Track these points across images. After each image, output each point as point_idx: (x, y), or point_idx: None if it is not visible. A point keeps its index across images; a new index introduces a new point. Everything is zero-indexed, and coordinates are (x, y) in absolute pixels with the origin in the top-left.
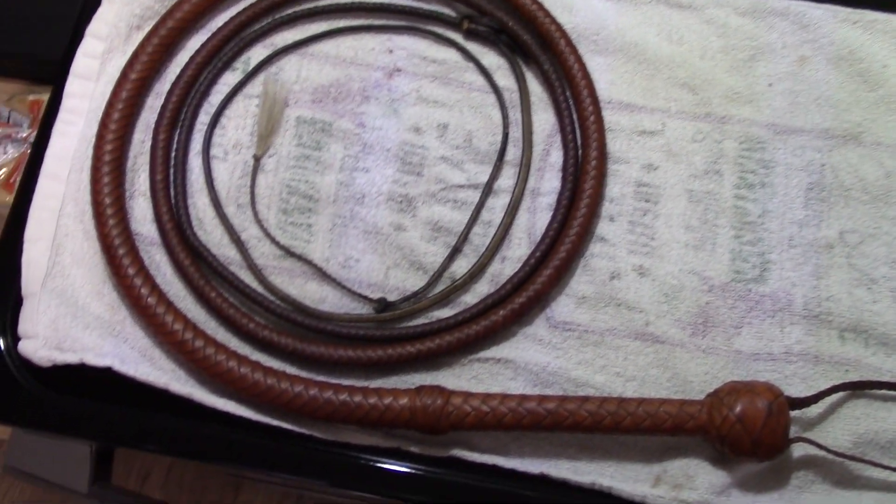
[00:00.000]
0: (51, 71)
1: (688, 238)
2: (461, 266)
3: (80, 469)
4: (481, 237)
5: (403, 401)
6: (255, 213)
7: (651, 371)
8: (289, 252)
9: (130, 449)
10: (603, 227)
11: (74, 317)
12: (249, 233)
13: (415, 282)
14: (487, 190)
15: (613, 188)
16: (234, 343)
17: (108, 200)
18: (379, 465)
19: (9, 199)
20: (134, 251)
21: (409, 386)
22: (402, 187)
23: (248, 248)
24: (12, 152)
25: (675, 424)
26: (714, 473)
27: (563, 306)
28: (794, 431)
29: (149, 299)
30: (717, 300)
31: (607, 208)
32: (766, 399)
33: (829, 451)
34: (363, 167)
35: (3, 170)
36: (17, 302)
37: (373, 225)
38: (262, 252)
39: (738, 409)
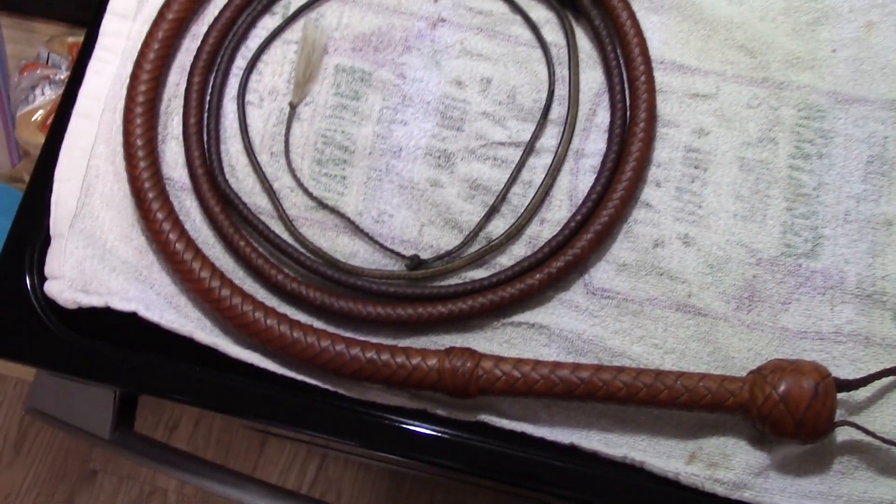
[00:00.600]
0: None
1: (737, 208)
2: (498, 226)
3: (103, 415)
4: (520, 197)
5: (432, 362)
6: (289, 163)
7: (691, 344)
8: (321, 204)
9: (153, 397)
10: (648, 193)
11: (101, 259)
12: (282, 182)
13: (449, 240)
14: (529, 149)
15: (661, 152)
16: (262, 294)
17: (139, 142)
18: (404, 426)
19: None
20: (164, 195)
21: (438, 347)
22: (441, 142)
23: (279, 197)
24: (50, 94)
25: (714, 401)
26: (752, 453)
27: (602, 272)
28: (839, 415)
29: (176, 245)
30: (765, 274)
31: (654, 173)
32: (812, 379)
33: (875, 436)
34: (401, 120)
35: (41, 112)
36: (45, 242)
37: (409, 180)
38: (294, 203)
39: (782, 388)
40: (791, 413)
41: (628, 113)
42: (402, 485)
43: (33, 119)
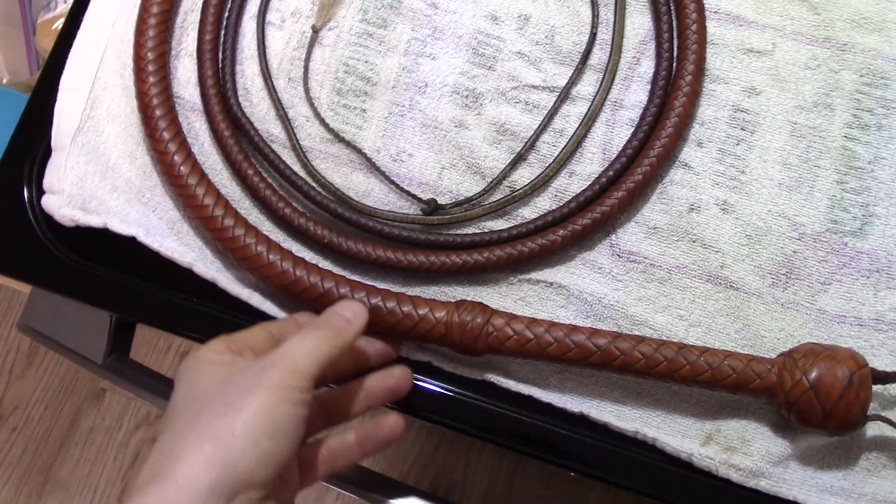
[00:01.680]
0: None
1: (783, 176)
2: (523, 176)
3: (97, 339)
4: (550, 147)
5: (440, 314)
6: (307, 90)
7: (719, 319)
8: (337, 136)
9: (148, 326)
10: (688, 153)
11: (103, 177)
12: (297, 111)
13: (470, 186)
14: (564, 95)
15: (706, 110)
16: (267, 227)
17: (150, 56)
18: None
19: None
20: (172, 114)
21: (448, 299)
22: (471, 80)
23: (294, 126)
24: (71, 1)
25: (738, 381)
26: (773, 441)
27: (630, 234)
28: (872, 408)
29: (181, 167)
30: (807, 250)
31: (696, 132)
32: (847, 368)
33: None
34: (430, 53)
35: (61, 20)
36: (47, 153)
37: (432, 118)
38: (309, 133)
39: (813, 374)
40: (821, 402)
41: (674, 64)
42: (408, 433)
43: (53, 27)
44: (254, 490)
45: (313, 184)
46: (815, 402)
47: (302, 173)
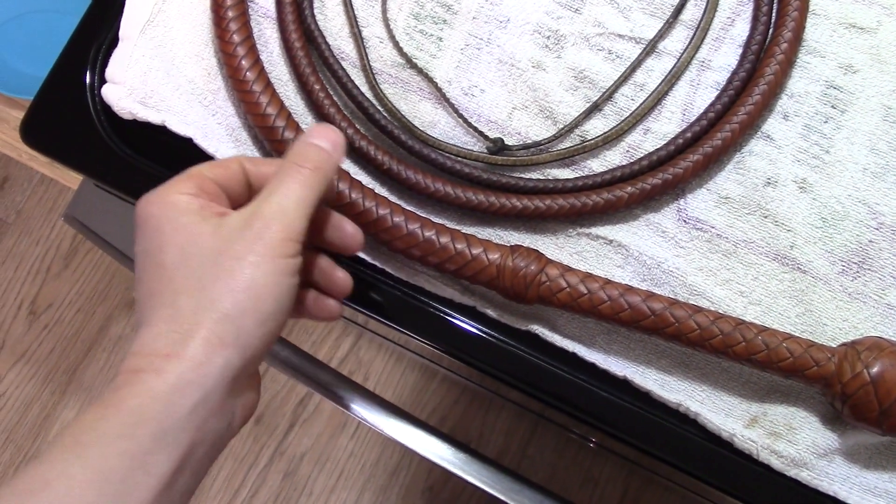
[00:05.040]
0: None
1: (869, 161)
2: (596, 127)
3: None
4: (628, 100)
5: (494, 255)
6: (384, 10)
7: (781, 300)
8: (410, 62)
9: None
10: (772, 124)
11: (167, 74)
12: (372, 30)
13: (539, 131)
14: (650, 48)
15: (797, 82)
16: None
17: None
18: (450, 318)
19: None
20: (244, 18)
21: (503, 243)
22: (555, 21)
23: (366, 46)
24: None
25: (794, 366)
26: (821, 432)
27: (700, 201)
28: None
29: (248, 73)
30: (883, 241)
31: (784, 104)
32: None
33: None
34: None
35: None
36: (113, 42)
37: (510, 55)
38: (381, 55)
39: (875, 368)
40: (879, 398)
41: (771, 30)
42: (430, 382)
43: None
44: (253, 367)
45: (379, 107)
46: (872, 398)
47: (369, 95)
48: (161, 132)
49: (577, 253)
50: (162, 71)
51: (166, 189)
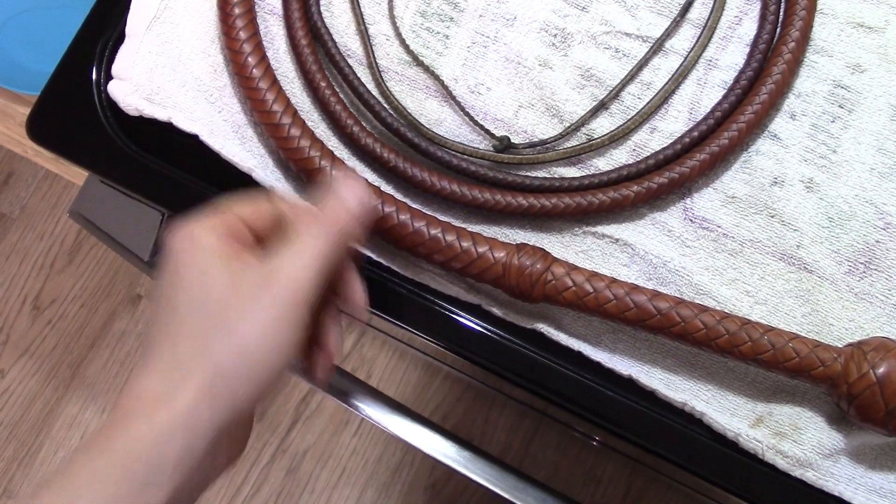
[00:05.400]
0: None
1: (876, 161)
2: (602, 125)
3: (146, 236)
4: (635, 99)
5: (500, 254)
6: (391, 8)
7: (787, 299)
8: (416, 59)
9: None
10: (779, 124)
11: (173, 70)
12: (378, 28)
13: (546, 129)
14: (657, 46)
15: (805, 82)
16: (332, 143)
17: None
18: (454, 316)
19: None
20: (251, 15)
21: (508, 242)
22: (562, 19)
23: (373, 44)
24: None
25: (800, 366)
26: (826, 432)
27: (706, 200)
28: None
29: (254, 70)
30: (891, 241)
31: (791, 103)
32: None
33: None
34: None
35: None
36: (120, 38)
37: (517, 53)
38: (387, 52)
39: (882, 369)
40: (885, 399)
41: (778, 29)
42: (433, 379)
43: None
44: (245, 419)
45: (385, 105)
46: (878, 398)
47: (375, 93)
48: (167, 129)
49: (582, 252)
50: (168, 67)
51: (196, 225)
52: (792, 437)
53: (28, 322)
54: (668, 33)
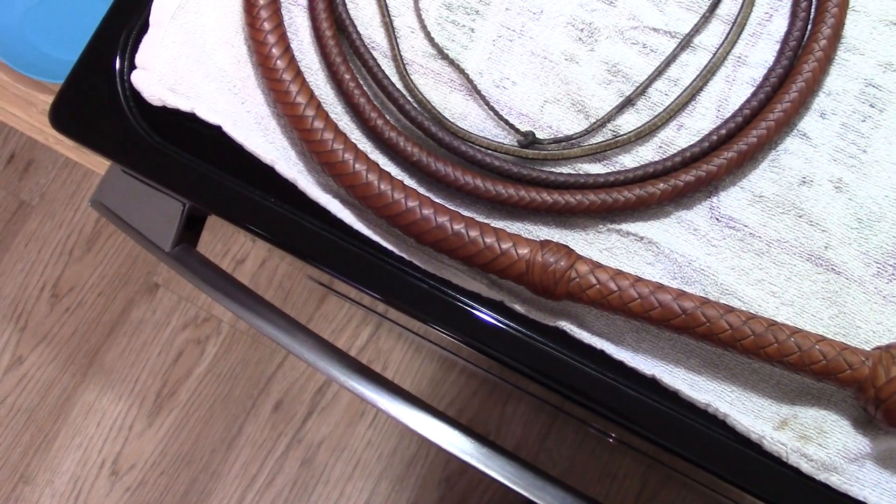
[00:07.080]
0: None
1: None
2: (629, 121)
3: (167, 226)
4: (662, 95)
5: (524, 251)
6: (416, 0)
7: (813, 301)
8: (441, 52)
9: (222, 218)
10: (808, 122)
11: (197, 61)
12: (403, 20)
13: (571, 125)
14: (685, 42)
15: (835, 80)
16: (356, 136)
17: None
18: (475, 311)
19: None
20: (275, 6)
21: (532, 238)
22: (589, 13)
23: (397, 36)
24: None
25: (826, 369)
26: (852, 436)
27: (733, 199)
28: None
29: (278, 61)
30: None
31: (821, 102)
32: None
33: None
34: None
35: None
36: (144, 27)
37: (543, 48)
38: (412, 45)
39: None
40: None
41: (809, 26)
42: (448, 373)
43: None
44: None
45: (409, 98)
46: None
47: (399, 86)
48: (190, 119)
49: (606, 249)
50: (192, 58)
51: None
52: (817, 440)
53: (46, 309)
54: (697, 29)
